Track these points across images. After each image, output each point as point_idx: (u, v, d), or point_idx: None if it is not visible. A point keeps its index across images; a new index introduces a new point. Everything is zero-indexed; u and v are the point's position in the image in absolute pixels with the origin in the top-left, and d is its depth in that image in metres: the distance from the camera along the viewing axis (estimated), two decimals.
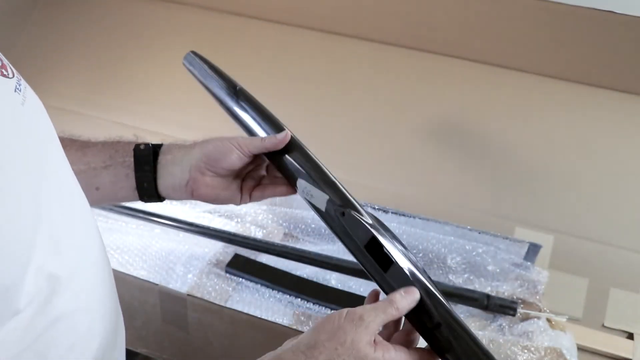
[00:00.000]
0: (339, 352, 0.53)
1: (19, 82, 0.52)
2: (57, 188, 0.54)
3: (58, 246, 0.52)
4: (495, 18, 1.18)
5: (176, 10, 1.47)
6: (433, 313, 0.58)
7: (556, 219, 1.13)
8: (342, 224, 0.63)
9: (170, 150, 0.70)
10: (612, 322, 1.02)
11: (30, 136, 0.51)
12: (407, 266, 0.61)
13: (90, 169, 0.69)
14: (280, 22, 1.38)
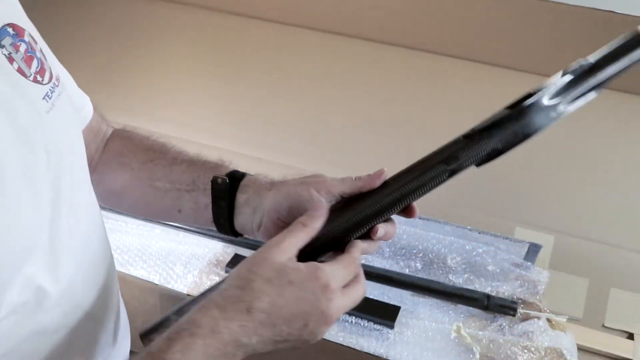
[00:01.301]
0: (263, 276, 0.49)
1: (52, 89, 0.53)
2: (69, 203, 0.53)
3: (57, 261, 0.51)
4: (495, 18, 1.18)
5: (176, 10, 1.47)
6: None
7: (556, 219, 1.13)
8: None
9: (247, 188, 0.62)
10: (612, 322, 1.02)
11: (47, 146, 0.50)
12: None
13: (175, 189, 0.64)
14: (280, 22, 1.38)
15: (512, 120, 0.54)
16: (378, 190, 0.55)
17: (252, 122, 1.34)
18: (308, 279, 0.49)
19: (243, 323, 0.48)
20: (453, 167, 0.54)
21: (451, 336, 0.92)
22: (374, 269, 1.02)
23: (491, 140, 0.54)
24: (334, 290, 0.49)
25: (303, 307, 0.49)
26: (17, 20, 0.52)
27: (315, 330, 0.50)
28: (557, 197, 1.15)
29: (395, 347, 0.91)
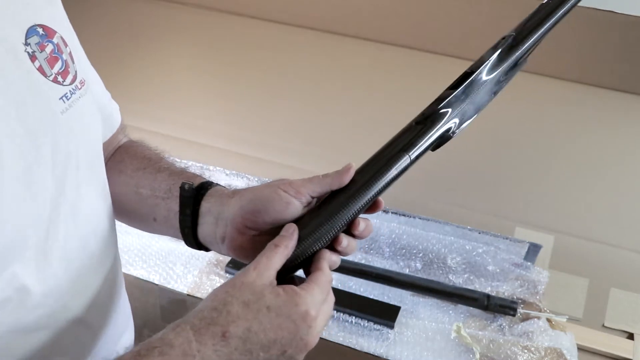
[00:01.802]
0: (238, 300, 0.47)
1: (73, 91, 0.54)
2: (71, 206, 0.53)
3: (46, 263, 0.51)
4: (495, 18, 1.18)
5: (176, 10, 1.47)
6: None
7: (556, 219, 1.13)
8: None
9: (211, 197, 0.59)
10: (612, 322, 1.02)
11: (56, 147, 0.51)
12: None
13: (153, 196, 0.63)
14: (280, 22, 1.38)
15: (458, 100, 0.56)
16: (347, 188, 0.54)
17: (252, 122, 1.34)
18: (287, 305, 0.48)
19: (217, 348, 0.46)
20: (413, 153, 0.55)
21: (451, 336, 0.92)
22: (374, 269, 1.02)
23: (444, 123, 0.56)
24: (314, 318, 0.49)
25: (281, 334, 0.47)
26: (49, 22, 0.53)
27: (294, 356, 0.49)
28: (557, 197, 1.15)
29: (395, 347, 0.91)
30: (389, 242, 1.08)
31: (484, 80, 0.57)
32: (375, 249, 1.08)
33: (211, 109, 1.38)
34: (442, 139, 0.56)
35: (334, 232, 0.53)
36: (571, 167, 1.16)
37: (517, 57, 0.58)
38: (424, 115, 0.57)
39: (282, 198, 0.54)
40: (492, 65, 0.57)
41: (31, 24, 0.51)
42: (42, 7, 0.53)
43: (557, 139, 1.18)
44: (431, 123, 0.56)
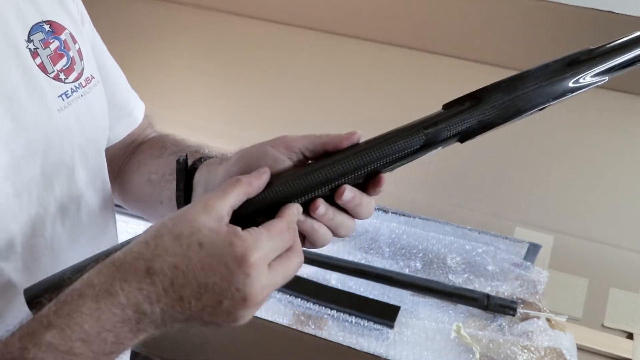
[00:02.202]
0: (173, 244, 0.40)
1: (75, 89, 0.53)
2: (60, 204, 0.53)
3: (34, 259, 0.51)
4: (495, 18, 1.18)
5: (176, 10, 1.47)
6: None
7: (556, 219, 1.13)
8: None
9: (202, 167, 0.55)
10: (611, 322, 1.02)
11: (49, 145, 0.51)
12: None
13: (162, 180, 0.59)
14: (280, 22, 1.38)
15: (502, 90, 0.49)
16: (344, 152, 0.47)
17: (252, 122, 1.34)
18: (221, 244, 0.40)
19: (142, 287, 0.39)
20: (430, 132, 0.47)
21: (451, 336, 0.92)
22: (373, 268, 1.02)
23: (476, 111, 0.48)
24: (254, 265, 0.40)
25: (213, 279, 0.40)
26: (59, 19, 0.53)
27: (232, 311, 0.41)
28: (557, 197, 1.15)
29: (395, 347, 0.91)
30: (388, 242, 1.08)
31: (539, 85, 0.49)
32: (375, 249, 1.08)
33: (211, 109, 1.38)
34: (470, 129, 0.48)
35: (311, 188, 0.45)
36: (571, 167, 1.16)
37: (587, 69, 0.50)
38: (457, 100, 0.49)
39: (269, 154, 0.48)
40: (553, 71, 0.49)
41: (37, 21, 0.51)
42: (50, 3, 0.53)
43: (557, 139, 1.18)
44: (461, 109, 0.48)
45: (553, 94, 0.49)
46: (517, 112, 0.48)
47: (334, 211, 0.46)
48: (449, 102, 0.49)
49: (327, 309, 0.97)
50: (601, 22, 1.08)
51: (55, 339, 0.38)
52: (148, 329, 0.41)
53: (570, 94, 0.50)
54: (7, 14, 0.49)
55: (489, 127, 0.48)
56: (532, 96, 0.48)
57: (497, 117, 0.48)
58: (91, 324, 0.39)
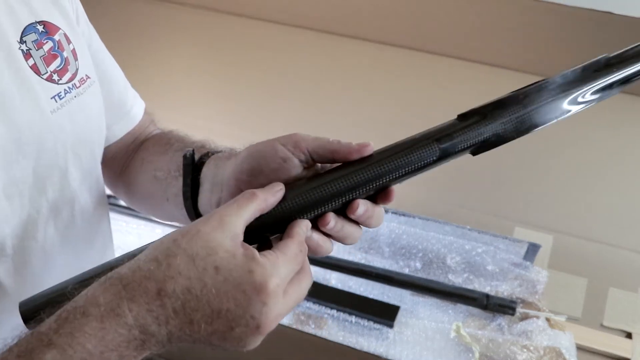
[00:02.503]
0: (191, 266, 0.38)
1: (68, 90, 0.52)
2: (53, 206, 0.53)
3: (25, 261, 0.50)
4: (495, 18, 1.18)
5: (176, 10, 1.47)
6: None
7: (555, 219, 1.13)
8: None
9: (210, 162, 0.53)
10: (611, 322, 1.02)
11: (42, 146, 0.50)
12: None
13: (168, 177, 0.57)
14: (280, 23, 1.38)
15: (518, 103, 0.46)
16: (355, 164, 0.46)
17: (252, 122, 1.34)
18: (240, 270, 0.38)
19: (152, 308, 0.38)
20: (445, 146, 0.46)
21: (450, 335, 0.93)
22: (373, 268, 1.02)
23: (492, 124, 0.46)
24: (273, 293, 0.39)
25: (227, 305, 0.38)
26: (53, 19, 0.53)
27: (244, 338, 0.40)
28: (557, 197, 1.15)
29: (395, 347, 0.92)
30: (388, 241, 1.08)
31: (556, 95, 0.47)
32: (375, 249, 1.08)
33: (211, 109, 1.38)
34: (485, 143, 0.47)
35: (322, 203, 0.44)
36: (570, 167, 1.16)
37: (604, 80, 0.48)
38: (472, 111, 0.47)
39: (277, 152, 0.46)
40: (570, 81, 0.47)
41: (30, 22, 0.51)
42: (43, 3, 0.53)
43: (557, 139, 1.18)
44: (477, 121, 0.46)
45: (570, 106, 0.48)
46: (533, 125, 0.47)
47: (343, 223, 0.45)
48: (463, 113, 0.47)
49: (327, 309, 0.97)
50: (600, 23, 1.08)
51: (55, 359, 0.36)
52: (153, 348, 0.39)
53: (588, 105, 0.48)
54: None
55: (503, 141, 0.47)
56: (549, 109, 0.47)
57: (513, 131, 0.47)
58: (94, 344, 0.37)
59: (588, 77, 0.47)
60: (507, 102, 0.47)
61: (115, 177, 0.67)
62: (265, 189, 0.43)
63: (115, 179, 0.67)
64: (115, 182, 0.67)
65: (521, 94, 0.47)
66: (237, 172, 0.48)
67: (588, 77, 0.47)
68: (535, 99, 0.46)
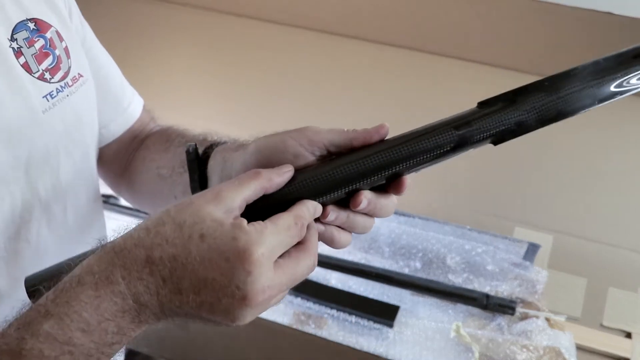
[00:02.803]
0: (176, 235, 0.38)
1: (61, 88, 0.51)
2: (45, 207, 0.52)
3: (17, 263, 0.50)
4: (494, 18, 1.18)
5: (176, 10, 1.47)
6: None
7: (555, 219, 1.14)
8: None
9: (217, 155, 0.52)
10: (610, 322, 1.02)
11: (33, 146, 0.49)
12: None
13: (173, 174, 0.57)
14: (280, 23, 1.38)
15: (544, 90, 0.44)
16: (369, 148, 0.43)
17: (252, 122, 1.34)
18: (223, 237, 0.37)
19: (142, 276, 0.37)
20: (463, 132, 0.43)
21: (450, 335, 0.93)
22: (373, 268, 1.02)
23: (514, 112, 0.43)
24: (257, 261, 0.37)
25: (212, 274, 0.37)
26: (45, 16, 0.52)
27: (231, 310, 0.38)
28: (556, 197, 1.15)
29: (394, 346, 0.92)
30: (388, 241, 1.08)
31: (585, 85, 0.44)
32: (375, 249, 1.08)
33: (211, 109, 1.38)
34: (506, 132, 0.44)
35: (334, 187, 0.42)
36: (570, 167, 1.16)
37: (635, 70, 0.45)
38: (494, 98, 0.45)
39: (289, 149, 0.44)
40: (602, 70, 0.44)
41: (21, 19, 0.50)
42: (35, 1, 0.52)
43: (557, 139, 1.18)
44: (498, 109, 0.44)
45: (600, 96, 0.44)
46: (559, 114, 0.44)
47: (348, 213, 0.44)
48: (484, 100, 0.45)
49: (327, 309, 0.97)
50: (600, 23, 1.08)
51: (53, 329, 0.36)
52: (150, 321, 0.39)
53: (620, 96, 0.45)
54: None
55: (526, 130, 0.45)
56: (577, 98, 0.44)
57: (537, 120, 0.44)
58: (90, 313, 0.37)
59: (623, 66, 0.44)
60: (531, 89, 0.44)
61: (117, 176, 0.66)
62: (271, 169, 0.42)
63: (117, 179, 0.66)
64: (117, 182, 0.67)
65: (546, 80, 0.44)
66: (246, 165, 0.47)
67: (623, 66, 0.44)
68: (562, 87, 0.44)
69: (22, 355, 0.36)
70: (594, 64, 0.44)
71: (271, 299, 0.40)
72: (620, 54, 0.45)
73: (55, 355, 0.36)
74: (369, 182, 0.43)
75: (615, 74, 0.44)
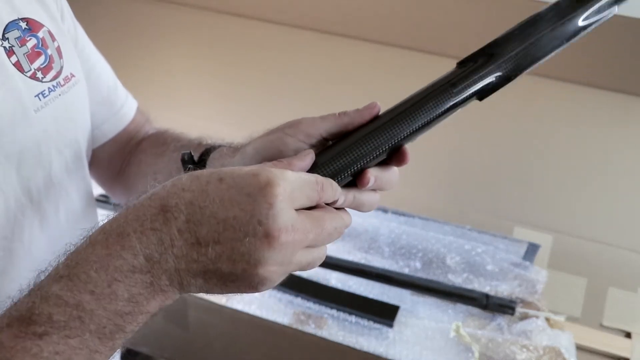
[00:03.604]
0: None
1: (53, 88, 0.51)
2: (38, 207, 0.52)
3: (12, 263, 0.49)
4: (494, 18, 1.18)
5: (176, 10, 1.47)
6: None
7: (555, 219, 1.14)
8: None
9: (213, 161, 0.52)
10: (610, 321, 1.03)
11: (24, 146, 0.49)
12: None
13: (169, 178, 0.58)
14: (280, 23, 1.38)
15: (515, 40, 0.46)
16: (367, 126, 0.46)
17: (252, 122, 1.34)
18: (243, 175, 0.37)
19: (155, 225, 0.36)
20: (459, 88, 0.45)
21: (450, 335, 0.93)
22: (373, 268, 1.03)
23: (493, 66, 0.46)
24: (279, 195, 0.36)
25: (231, 212, 0.36)
26: (37, 16, 0.52)
27: (253, 253, 0.36)
28: (556, 197, 1.15)
29: (394, 346, 0.92)
30: (388, 241, 1.08)
31: (551, 28, 0.46)
32: (375, 249, 1.08)
33: (211, 109, 1.38)
34: (489, 87, 0.46)
35: (335, 175, 0.43)
36: (570, 167, 1.17)
37: (593, 4, 0.47)
38: (471, 56, 0.48)
39: (288, 145, 0.44)
40: (563, 10, 0.46)
41: (13, 18, 0.49)
42: (27, 0, 0.52)
43: (557, 139, 1.18)
44: (478, 65, 0.46)
45: (566, 35, 0.46)
46: (534, 59, 0.47)
47: (355, 192, 0.44)
48: (462, 60, 0.48)
49: (327, 309, 0.97)
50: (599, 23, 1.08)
51: (62, 291, 0.35)
52: (163, 286, 0.36)
53: (584, 32, 0.47)
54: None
55: (507, 81, 0.47)
56: (546, 41, 0.46)
57: (515, 69, 0.47)
58: (99, 272, 0.35)
59: (581, 2, 0.47)
60: (504, 41, 0.47)
61: (113, 178, 0.66)
62: (293, 157, 0.42)
63: (112, 181, 0.66)
64: (112, 184, 0.67)
65: (516, 29, 0.47)
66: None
67: (581, 2, 0.47)
68: (531, 33, 0.46)
69: (32, 321, 0.35)
70: (555, 4, 0.47)
71: (296, 245, 0.37)
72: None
73: (65, 321, 0.35)
74: (374, 160, 0.44)
75: (575, 11, 0.46)
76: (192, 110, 1.37)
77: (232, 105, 1.37)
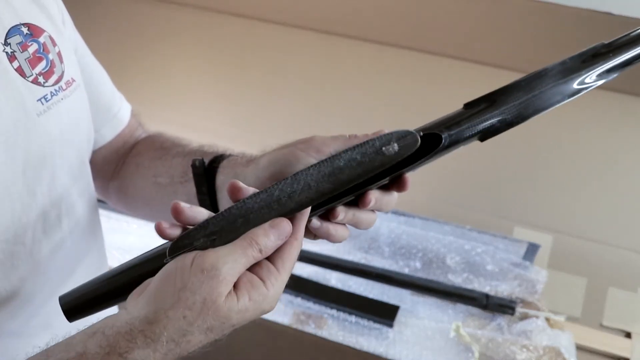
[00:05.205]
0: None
1: (55, 92, 0.52)
2: (42, 210, 0.52)
3: (13, 266, 0.50)
4: (495, 19, 1.18)
5: (176, 10, 1.47)
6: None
7: (555, 219, 1.14)
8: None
9: (225, 169, 0.54)
10: (610, 321, 1.03)
11: (28, 149, 0.50)
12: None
13: (172, 183, 0.58)
14: (280, 23, 1.38)
15: (520, 90, 0.50)
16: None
17: (252, 122, 1.34)
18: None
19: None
20: (455, 132, 0.48)
21: (450, 335, 0.93)
22: (373, 268, 1.03)
23: (497, 111, 0.49)
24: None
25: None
26: (38, 21, 0.52)
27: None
28: (556, 197, 1.15)
29: (394, 346, 0.92)
30: (388, 241, 1.08)
31: (555, 83, 0.50)
32: (375, 249, 1.08)
33: (211, 109, 1.38)
34: (492, 129, 0.49)
35: (339, 197, 0.45)
36: (570, 167, 1.17)
37: (602, 65, 0.50)
38: (478, 100, 0.50)
39: (300, 160, 0.47)
40: (569, 69, 0.50)
41: (15, 24, 0.50)
42: (28, 6, 0.52)
43: (556, 139, 1.18)
44: (483, 108, 0.49)
45: (569, 92, 0.50)
46: (536, 110, 0.50)
47: (355, 211, 0.47)
48: (469, 102, 0.50)
49: (327, 309, 0.97)
50: (600, 23, 1.08)
51: None
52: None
53: (585, 91, 0.50)
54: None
55: (509, 126, 0.50)
56: (550, 95, 0.50)
57: (517, 116, 0.50)
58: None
59: (586, 63, 0.50)
60: (510, 89, 0.50)
61: (107, 181, 0.67)
62: (270, 233, 0.44)
63: (106, 184, 0.67)
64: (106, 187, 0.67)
65: (523, 80, 0.50)
66: (259, 180, 0.49)
67: (586, 63, 0.50)
68: (536, 86, 0.49)
69: None
70: (561, 63, 0.50)
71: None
72: (582, 53, 0.51)
73: None
74: (375, 184, 0.47)
75: (579, 72, 0.50)
76: (193, 111, 1.37)
77: (232, 106, 1.37)
